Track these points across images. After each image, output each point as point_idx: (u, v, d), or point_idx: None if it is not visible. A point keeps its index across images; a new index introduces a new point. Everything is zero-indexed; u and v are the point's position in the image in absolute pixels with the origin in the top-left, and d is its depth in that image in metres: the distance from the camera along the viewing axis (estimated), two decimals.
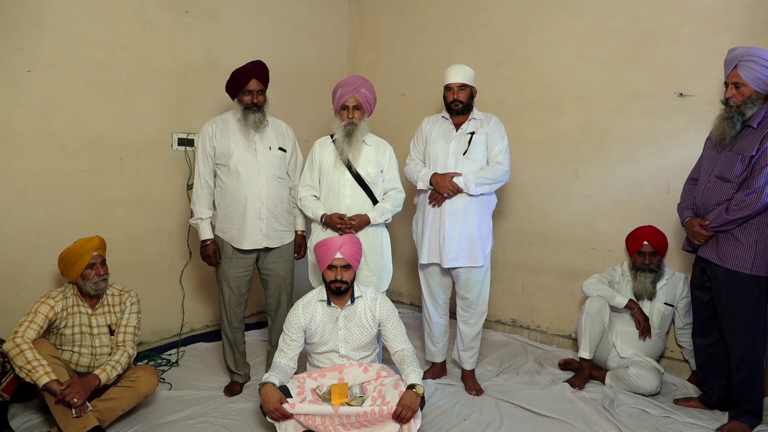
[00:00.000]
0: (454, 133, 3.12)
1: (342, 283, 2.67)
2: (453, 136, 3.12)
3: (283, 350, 2.70)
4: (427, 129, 3.23)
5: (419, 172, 3.16)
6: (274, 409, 2.40)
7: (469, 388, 3.17)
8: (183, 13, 3.65)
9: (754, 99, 2.53)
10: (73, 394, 2.38)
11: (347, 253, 2.66)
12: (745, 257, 2.60)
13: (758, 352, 2.68)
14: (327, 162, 3.04)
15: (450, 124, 3.17)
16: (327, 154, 3.06)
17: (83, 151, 3.26)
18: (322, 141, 3.13)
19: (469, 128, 3.11)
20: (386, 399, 2.45)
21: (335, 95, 3.04)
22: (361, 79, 3.07)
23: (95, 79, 3.27)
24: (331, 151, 3.05)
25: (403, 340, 2.74)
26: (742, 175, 2.58)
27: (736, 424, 2.71)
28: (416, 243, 3.28)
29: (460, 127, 3.12)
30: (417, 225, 3.28)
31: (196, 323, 3.93)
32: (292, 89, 4.37)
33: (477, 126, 3.12)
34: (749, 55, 2.51)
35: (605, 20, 3.59)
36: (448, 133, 3.15)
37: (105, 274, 2.74)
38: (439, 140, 3.15)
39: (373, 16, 4.70)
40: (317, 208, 3.02)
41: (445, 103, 3.13)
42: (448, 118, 3.17)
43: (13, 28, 2.95)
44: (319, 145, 3.10)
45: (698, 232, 2.74)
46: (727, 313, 2.72)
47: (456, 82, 3.06)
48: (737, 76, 2.54)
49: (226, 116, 3.07)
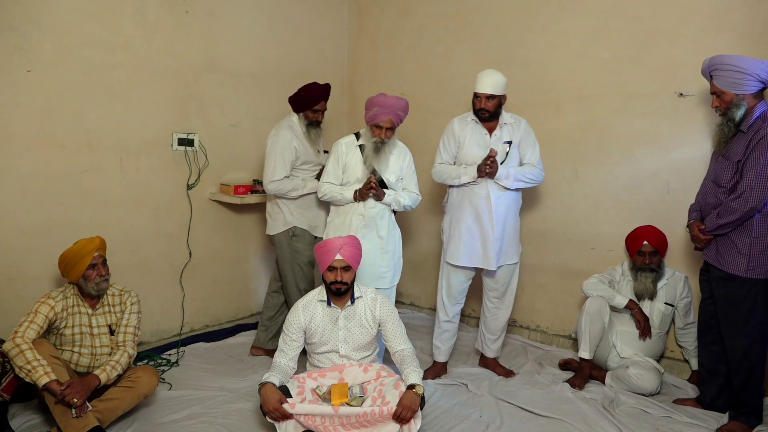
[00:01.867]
0: (488, 140, 3.16)
1: (342, 284, 2.67)
2: (488, 143, 3.15)
3: (283, 350, 2.70)
4: (459, 132, 3.23)
5: (456, 169, 3.20)
6: (274, 409, 2.40)
7: (500, 373, 3.36)
8: (183, 13, 3.64)
9: (737, 102, 2.60)
10: (73, 394, 2.38)
11: (347, 254, 2.66)
12: (740, 260, 2.63)
13: (757, 355, 2.69)
14: (351, 164, 3.14)
15: (481, 128, 3.19)
16: (352, 156, 3.14)
17: (83, 151, 3.26)
18: (348, 142, 3.18)
19: (504, 136, 3.18)
20: (386, 399, 2.45)
21: (370, 109, 3.08)
22: (400, 102, 3.11)
23: (95, 79, 3.27)
24: (356, 154, 3.14)
25: (404, 340, 2.74)
26: (732, 179, 2.64)
27: (735, 424, 2.72)
28: (444, 244, 3.31)
29: (493, 132, 3.17)
30: (448, 226, 3.30)
31: (196, 323, 3.93)
32: (292, 89, 4.35)
33: (510, 132, 3.19)
34: (714, 65, 2.66)
35: (605, 20, 3.59)
36: (482, 139, 3.18)
37: (106, 274, 2.74)
38: (474, 147, 3.17)
39: (373, 16, 4.70)
40: (345, 189, 3.12)
41: (473, 108, 3.17)
42: (478, 121, 3.19)
43: (13, 28, 2.95)
44: (346, 146, 3.16)
45: (696, 236, 2.81)
46: (724, 315, 2.74)
47: (484, 93, 3.09)
48: (714, 86, 2.67)
49: (291, 124, 3.49)
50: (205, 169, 3.84)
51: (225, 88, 3.92)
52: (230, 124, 3.98)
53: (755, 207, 2.55)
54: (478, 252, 3.18)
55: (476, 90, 3.11)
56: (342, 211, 3.18)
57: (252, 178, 4.09)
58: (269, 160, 3.36)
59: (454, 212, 3.26)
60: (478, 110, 3.12)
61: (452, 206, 3.28)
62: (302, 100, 3.44)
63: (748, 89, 2.57)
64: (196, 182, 3.79)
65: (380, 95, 3.12)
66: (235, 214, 4.07)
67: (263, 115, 4.17)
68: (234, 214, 4.06)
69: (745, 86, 2.57)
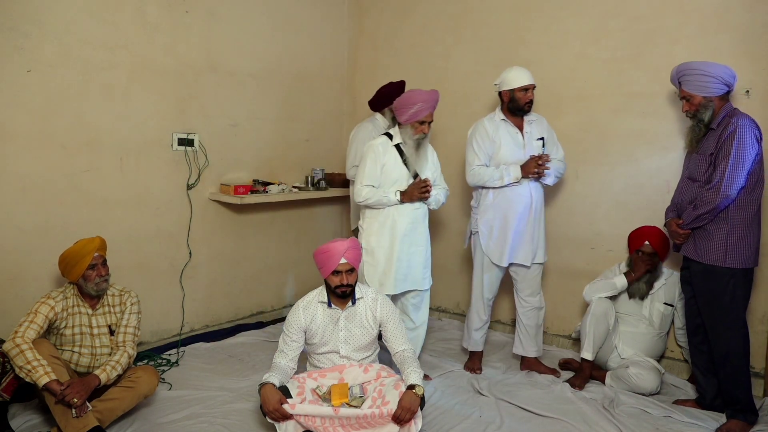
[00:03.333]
0: (521, 138, 3.25)
1: (348, 287, 2.67)
2: (523, 142, 3.24)
3: (283, 350, 2.70)
4: (494, 133, 3.26)
5: (495, 171, 3.21)
6: (274, 410, 2.39)
7: (543, 371, 3.41)
8: (183, 13, 3.64)
9: (705, 104, 2.76)
10: (73, 394, 2.38)
11: (351, 257, 2.67)
12: (718, 250, 2.70)
13: (740, 348, 2.73)
14: (389, 165, 3.10)
15: (512, 126, 3.26)
16: (389, 157, 3.10)
17: (83, 151, 3.26)
18: (383, 143, 3.13)
19: (534, 132, 3.27)
20: (386, 399, 2.45)
21: (410, 106, 3.02)
22: (436, 94, 3.10)
23: (95, 79, 3.27)
24: (393, 155, 3.10)
25: (404, 340, 2.74)
26: (707, 173, 2.74)
27: (734, 423, 2.73)
28: (484, 246, 3.32)
29: (523, 130, 3.25)
30: (487, 228, 3.31)
31: (196, 323, 3.93)
32: (292, 89, 4.37)
33: (538, 128, 3.29)
34: (682, 72, 2.81)
35: (605, 20, 3.59)
36: (516, 138, 3.26)
37: (106, 274, 2.74)
38: (511, 147, 3.24)
39: (373, 16, 4.70)
40: (388, 192, 3.08)
41: (515, 104, 3.21)
42: (507, 120, 3.26)
43: (13, 28, 2.95)
44: (382, 147, 3.11)
45: (675, 231, 2.86)
46: (706, 308, 2.79)
47: (532, 83, 3.20)
48: (683, 91, 2.83)
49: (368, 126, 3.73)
50: (205, 169, 3.84)
51: (225, 88, 3.92)
52: (230, 124, 3.98)
53: (730, 196, 2.63)
54: (525, 249, 3.27)
55: (521, 84, 3.18)
56: (383, 214, 3.12)
57: (252, 178, 4.09)
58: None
59: (491, 213, 3.28)
60: (526, 104, 3.20)
61: (489, 207, 3.28)
62: (379, 98, 3.70)
63: (715, 92, 2.74)
64: (196, 182, 3.79)
65: (414, 92, 3.08)
66: (235, 214, 4.07)
67: (263, 115, 4.17)
68: (234, 214, 4.06)
69: (711, 89, 2.74)
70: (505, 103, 3.27)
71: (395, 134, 3.14)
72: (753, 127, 2.65)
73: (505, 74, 3.24)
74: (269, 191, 4.00)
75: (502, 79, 3.25)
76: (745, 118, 2.66)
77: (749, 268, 2.72)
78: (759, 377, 3.19)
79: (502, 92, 3.26)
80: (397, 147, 3.11)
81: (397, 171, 3.10)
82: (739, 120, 2.64)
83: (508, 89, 3.21)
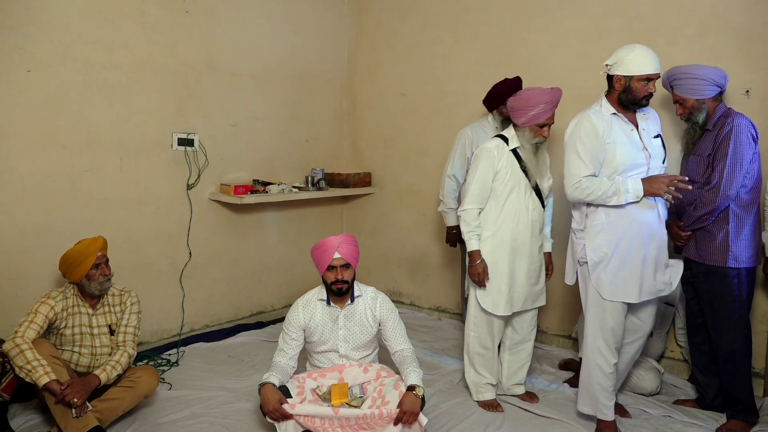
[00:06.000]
0: (637, 137, 2.59)
1: (343, 282, 2.66)
2: (641, 142, 2.59)
3: (282, 349, 2.70)
4: (605, 132, 2.56)
5: (609, 184, 2.52)
6: (273, 410, 2.39)
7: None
8: (183, 13, 3.64)
9: (698, 106, 2.76)
10: (73, 394, 2.38)
11: (345, 252, 2.66)
12: (720, 251, 2.70)
13: (744, 347, 2.73)
14: (504, 171, 2.81)
15: (626, 122, 2.61)
16: (505, 161, 2.82)
17: (83, 151, 3.26)
18: (497, 146, 2.83)
19: (651, 128, 2.64)
20: (386, 399, 2.45)
21: (530, 108, 2.73)
22: (560, 93, 2.79)
23: (95, 79, 3.27)
24: (510, 160, 2.83)
25: (403, 340, 2.74)
26: (705, 174, 2.74)
27: (735, 423, 2.73)
28: (597, 278, 2.59)
29: (639, 127, 2.62)
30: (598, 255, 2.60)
31: (196, 323, 3.93)
32: (292, 89, 4.37)
33: (654, 123, 2.69)
34: (673, 76, 2.82)
35: (605, 20, 3.59)
36: (632, 136, 2.58)
37: (109, 274, 2.75)
38: (628, 147, 2.56)
39: (373, 16, 4.70)
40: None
41: (630, 96, 2.56)
42: (619, 113, 2.60)
43: (13, 28, 2.95)
44: (498, 151, 2.82)
45: (676, 233, 2.85)
46: (709, 308, 2.78)
47: (658, 73, 2.54)
48: (675, 95, 2.84)
49: (483, 123, 3.51)
50: (205, 169, 3.84)
51: (225, 88, 3.92)
52: (230, 124, 3.98)
53: (729, 196, 2.64)
54: (651, 282, 2.61)
55: (645, 71, 2.51)
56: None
57: (252, 178, 4.09)
58: None
59: (605, 237, 2.58)
60: (643, 98, 2.55)
61: (601, 230, 2.59)
62: (493, 97, 3.42)
63: (707, 94, 2.74)
64: (196, 182, 3.79)
65: (534, 91, 2.77)
66: (235, 214, 4.07)
67: (263, 115, 4.18)
68: (234, 214, 4.06)
69: (703, 91, 2.73)
70: (615, 91, 2.59)
71: (511, 137, 2.83)
72: (749, 126, 2.66)
73: (623, 53, 2.55)
74: (269, 191, 4.01)
75: (619, 59, 2.56)
76: (740, 118, 2.67)
77: (752, 266, 2.72)
78: (759, 377, 3.19)
79: (614, 77, 2.58)
80: (513, 152, 2.82)
81: (514, 178, 2.81)
82: (735, 120, 2.65)
83: (626, 75, 2.53)
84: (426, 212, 4.45)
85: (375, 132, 4.74)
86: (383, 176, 4.72)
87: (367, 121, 4.78)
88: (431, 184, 4.38)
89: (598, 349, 2.63)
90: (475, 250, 2.84)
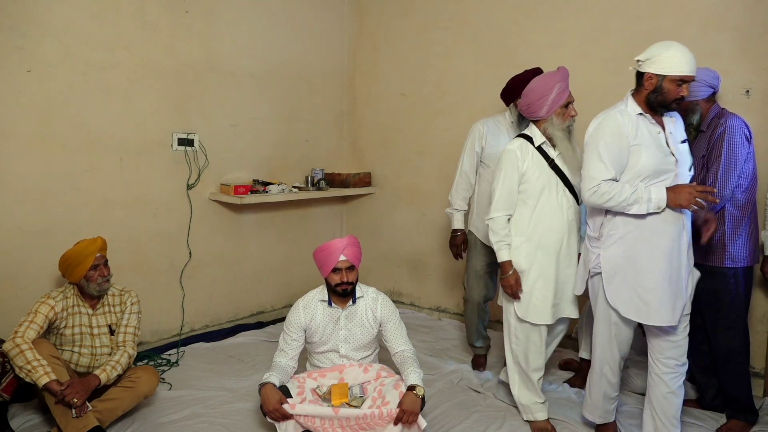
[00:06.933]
0: (663, 141, 2.37)
1: (348, 284, 2.67)
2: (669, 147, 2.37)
3: (283, 350, 2.71)
4: (631, 132, 2.34)
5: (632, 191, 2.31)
6: (274, 410, 2.39)
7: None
8: (183, 13, 3.64)
9: (691, 108, 2.77)
10: (73, 394, 2.38)
11: (350, 254, 2.67)
12: (717, 251, 2.71)
13: (741, 347, 2.74)
14: (532, 171, 2.64)
15: (653, 124, 2.39)
16: (531, 161, 2.65)
17: (83, 151, 3.26)
18: (520, 147, 2.66)
19: (678, 133, 2.43)
20: (386, 399, 2.45)
21: (548, 93, 2.58)
22: (566, 71, 2.66)
23: (95, 79, 3.27)
24: (536, 159, 2.65)
25: (404, 341, 2.74)
26: (700, 175, 2.74)
27: (735, 423, 2.74)
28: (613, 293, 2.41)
29: (666, 129, 2.41)
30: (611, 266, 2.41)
31: (196, 323, 3.93)
32: (292, 89, 4.38)
33: (680, 127, 2.48)
34: None
35: (605, 20, 3.59)
36: (658, 140, 2.36)
37: (108, 274, 2.75)
38: (654, 151, 2.34)
39: (373, 16, 4.70)
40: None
41: (660, 98, 2.34)
42: (646, 115, 2.38)
43: (13, 28, 2.95)
44: (521, 151, 2.65)
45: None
46: (707, 308, 2.78)
47: (693, 75, 2.32)
48: None
49: (497, 119, 3.28)
50: (205, 169, 3.84)
51: (225, 88, 3.92)
52: (230, 124, 3.98)
53: (724, 196, 2.64)
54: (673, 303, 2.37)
55: (680, 72, 2.28)
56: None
57: (252, 178, 4.09)
58: None
59: (620, 248, 2.38)
60: (673, 101, 2.33)
61: (617, 240, 2.39)
62: (510, 89, 3.12)
63: (699, 95, 2.73)
64: (196, 182, 3.79)
65: (540, 78, 2.66)
66: (235, 214, 4.07)
67: (263, 115, 4.18)
68: (234, 214, 4.06)
69: (696, 93, 2.72)
70: (644, 90, 2.37)
71: (535, 135, 2.67)
72: (742, 127, 2.66)
73: (658, 50, 2.32)
74: (269, 191, 4.01)
75: (652, 55, 2.34)
76: (733, 119, 2.67)
77: (749, 266, 2.73)
78: (759, 377, 3.19)
79: (645, 74, 2.36)
80: (539, 149, 2.65)
81: (544, 177, 2.63)
82: (728, 121, 2.66)
83: (658, 73, 2.31)
84: (426, 212, 4.46)
85: (375, 132, 4.74)
86: (383, 176, 4.72)
87: (367, 121, 4.78)
88: (431, 183, 4.38)
89: (607, 363, 2.56)
90: (506, 261, 2.64)
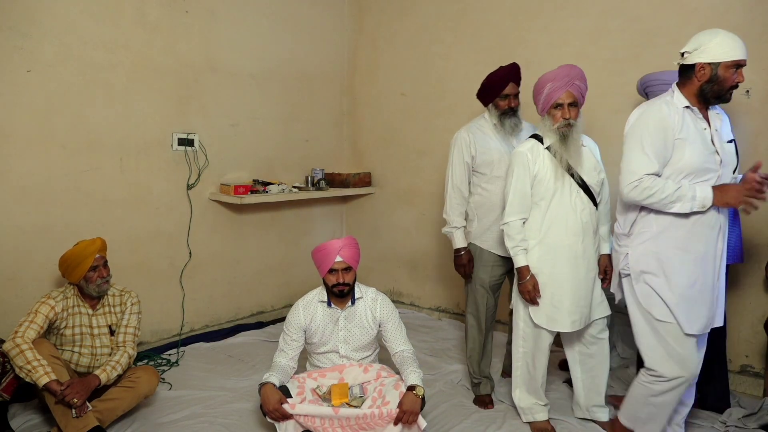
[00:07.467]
0: (709, 138, 2.23)
1: (345, 285, 2.67)
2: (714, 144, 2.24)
3: (283, 350, 2.71)
4: (678, 126, 2.19)
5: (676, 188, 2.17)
6: (274, 410, 2.39)
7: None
8: (183, 13, 3.65)
9: None
10: (73, 395, 2.38)
11: (347, 255, 2.66)
12: None
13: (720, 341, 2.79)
14: (543, 172, 2.55)
15: (701, 119, 2.25)
16: (542, 162, 2.56)
17: (83, 151, 3.26)
18: (531, 148, 2.58)
19: (724, 131, 2.27)
20: (386, 399, 2.45)
21: (541, 92, 2.54)
22: (574, 69, 2.52)
23: (95, 79, 3.27)
24: (545, 158, 2.56)
25: (404, 341, 2.74)
26: None
27: None
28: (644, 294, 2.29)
29: (712, 125, 2.26)
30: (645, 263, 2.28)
31: (196, 323, 3.93)
32: (292, 89, 4.38)
33: (727, 125, 2.33)
34: (646, 83, 2.89)
35: (605, 20, 3.59)
36: (704, 136, 2.22)
37: (107, 275, 2.74)
38: (699, 148, 2.20)
39: (373, 16, 4.70)
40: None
41: (715, 88, 2.19)
42: (693, 108, 2.23)
43: (13, 28, 2.96)
44: (531, 153, 2.56)
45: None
46: None
47: (746, 59, 2.17)
48: None
49: (479, 123, 2.99)
50: (205, 169, 3.84)
51: (225, 88, 3.92)
52: (230, 124, 3.98)
53: None
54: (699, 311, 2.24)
55: (734, 57, 2.15)
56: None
57: (252, 178, 4.09)
58: None
59: (650, 247, 2.27)
60: (728, 90, 2.18)
61: (649, 239, 2.27)
62: (489, 88, 2.89)
63: None
64: (196, 182, 3.79)
65: (544, 74, 2.57)
66: (235, 214, 4.07)
67: (263, 115, 4.18)
68: (234, 214, 4.06)
69: None
70: (696, 82, 2.21)
71: (544, 134, 2.60)
72: None
73: (705, 38, 2.18)
74: (269, 191, 4.01)
75: (700, 44, 2.19)
76: None
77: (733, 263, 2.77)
78: (759, 377, 3.19)
79: (696, 65, 2.21)
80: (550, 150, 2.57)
81: (553, 178, 2.54)
82: None
83: (711, 62, 2.16)
84: (426, 212, 4.46)
85: (375, 132, 4.75)
86: (383, 176, 4.72)
87: (367, 121, 4.78)
88: (431, 184, 4.38)
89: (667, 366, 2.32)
90: (523, 266, 2.57)
